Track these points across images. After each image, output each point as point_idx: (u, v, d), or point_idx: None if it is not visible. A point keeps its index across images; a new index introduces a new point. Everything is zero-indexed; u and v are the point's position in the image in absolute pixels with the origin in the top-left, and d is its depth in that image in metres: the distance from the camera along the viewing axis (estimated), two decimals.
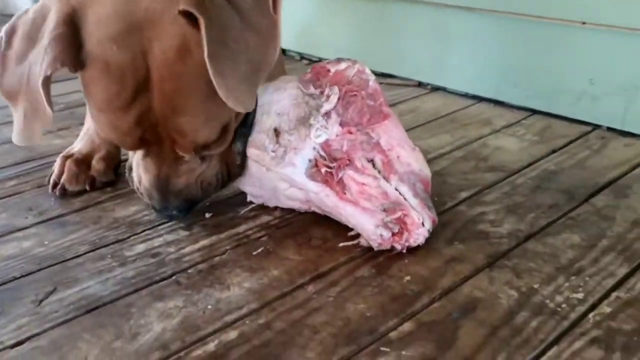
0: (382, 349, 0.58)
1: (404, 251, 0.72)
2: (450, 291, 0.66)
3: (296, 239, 0.77)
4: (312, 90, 0.75)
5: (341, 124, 0.74)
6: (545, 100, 1.18)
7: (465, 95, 1.29)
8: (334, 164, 0.72)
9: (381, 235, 0.70)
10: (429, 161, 0.79)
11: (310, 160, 0.73)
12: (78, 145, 0.94)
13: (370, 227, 0.71)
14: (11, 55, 0.65)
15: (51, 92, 0.62)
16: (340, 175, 0.72)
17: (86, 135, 0.95)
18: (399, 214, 0.70)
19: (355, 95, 0.76)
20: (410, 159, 0.76)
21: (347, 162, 0.72)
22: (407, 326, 0.61)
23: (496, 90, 1.25)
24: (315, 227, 0.80)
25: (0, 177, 0.96)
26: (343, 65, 0.78)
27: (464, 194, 0.87)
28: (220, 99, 0.62)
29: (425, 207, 0.72)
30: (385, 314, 0.63)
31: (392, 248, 0.72)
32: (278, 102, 0.74)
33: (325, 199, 0.73)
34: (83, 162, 0.92)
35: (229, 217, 0.83)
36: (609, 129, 1.10)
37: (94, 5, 0.62)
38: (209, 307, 0.65)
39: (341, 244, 0.75)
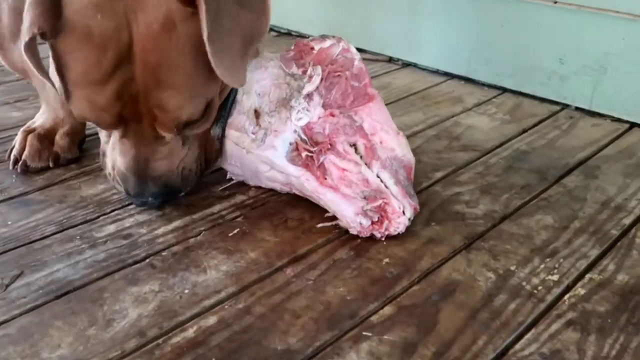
0: (364, 333, 0.58)
1: (383, 239, 0.71)
2: (429, 273, 0.67)
3: (272, 220, 0.76)
4: (294, 69, 0.73)
5: (324, 106, 0.73)
6: (515, 79, 1.18)
7: (436, 72, 1.29)
8: (315, 148, 0.71)
9: (360, 224, 0.70)
10: None
11: (290, 144, 0.72)
12: (40, 120, 0.90)
13: (349, 215, 0.70)
14: (4, 33, 0.62)
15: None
16: (321, 159, 0.71)
17: (48, 109, 0.90)
18: (379, 202, 0.69)
19: (339, 75, 0.74)
20: (393, 143, 0.75)
21: (329, 146, 0.71)
22: (387, 310, 0.61)
23: (467, 68, 1.25)
24: (291, 208, 0.78)
25: None
26: (327, 43, 0.76)
27: (438, 174, 0.88)
28: (205, 75, 0.61)
29: (407, 195, 0.72)
30: (365, 298, 0.63)
31: (372, 235, 0.71)
32: (259, 81, 0.72)
33: (305, 183, 0.72)
34: (46, 137, 0.87)
35: (202, 197, 0.81)
36: (577, 108, 1.11)
37: None
38: (186, 291, 0.63)
39: (319, 225, 0.74)
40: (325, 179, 0.71)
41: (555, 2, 1.09)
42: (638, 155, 0.94)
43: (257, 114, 0.72)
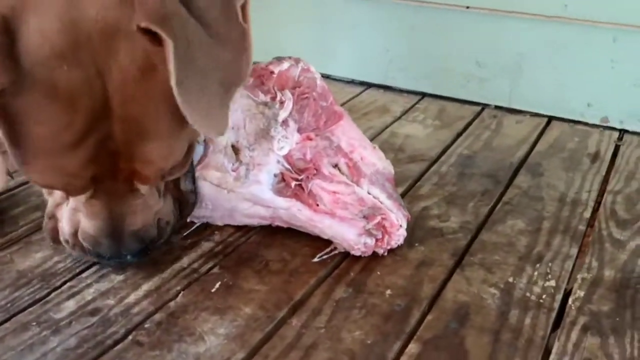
0: None
1: (385, 254, 0.71)
2: (435, 299, 0.65)
3: (252, 266, 0.70)
4: (262, 97, 0.68)
5: (299, 131, 0.70)
6: (434, 83, 1.21)
7: (352, 82, 1.28)
8: (302, 176, 0.68)
9: (365, 243, 0.68)
10: None
11: (275, 175, 0.69)
12: None
13: (352, 237, 0.68)
14: None
15: None
16: (309, 186, 0.68)
17: None
18: (378, 218, 0.68)
19: (306, 97, 0.72)
20: (373, 158, 0.74)
21: (315, 171, 0.68)
22: (413, 347, 0.58)
23: (384, 76, 1.25)
24: (266, 249, 0.73)
25: None
26: (286, 65, 0.73)
27: (399, 189, 0.86)
28: None
29: (400, 207, 0.71)
30: (385, 338, 0.59)
31: (374, 253, 0.70)
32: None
33: (297, 213, 0.69)
34: None
35: (163, 251, 0.72)
36: (497, 107, 1.16)
37: (32, 12, 0.47)
38: None
39: (317, 258, 0.70)
40: (317, 205, 0.68)
41: (468, 7, 1.13)
42: (568, 149, 1.00)
43: (235, 149, 0.67)
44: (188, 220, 0.75)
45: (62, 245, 0.65)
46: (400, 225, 0.70)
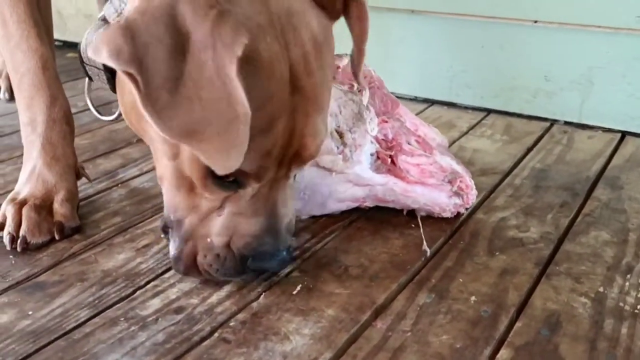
0: None
1: (463, 211, 0.78)
2: (523, 307, 0.63)
3: (331, 270, 0.69)
4: (342, 87, 0.75)
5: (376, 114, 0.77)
6: (500, 100, 1.19)
7: (415, 99, 1.28)
8: (393, 152, 0.75)
9: (455, 204, 0.76)
10: None
11: (372, 155, 0.75)
12: (26, 189, 0.78)
13: (444, 200, 0.76)
14: (158, 83, 0.47)
15: None
16: (398, 162, 0.75)
17: (34, 175, 0.78)
18: (458, 181, 0.76)
19: (372, 86, 0.80)
20: (432, 133, 0.84)
21: (400, 147, 0.75)
22: (504, 353, 0.56)
23: (448, 93, 1.25)
24: (344, 254, 0.72)
25: None
26: (346, 60, 0.81)
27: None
28: None
29: (468, 171, 0.80)
30: (474, 343, 0.58)
31: (458, 214, 0.78)
32: None
33: (394, 187, 0.75)
34: (42, 207, 0.76)
35: None
36: (566, 122, 1.14)
37: (237, 5, 0.50)
38: None
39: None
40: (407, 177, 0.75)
41: (536, 22, 1.12)
42: None
43: (339, 133, 0.73)
44: None
45: (194, 276, 0.64)
46: (472, 187, 0.78)
